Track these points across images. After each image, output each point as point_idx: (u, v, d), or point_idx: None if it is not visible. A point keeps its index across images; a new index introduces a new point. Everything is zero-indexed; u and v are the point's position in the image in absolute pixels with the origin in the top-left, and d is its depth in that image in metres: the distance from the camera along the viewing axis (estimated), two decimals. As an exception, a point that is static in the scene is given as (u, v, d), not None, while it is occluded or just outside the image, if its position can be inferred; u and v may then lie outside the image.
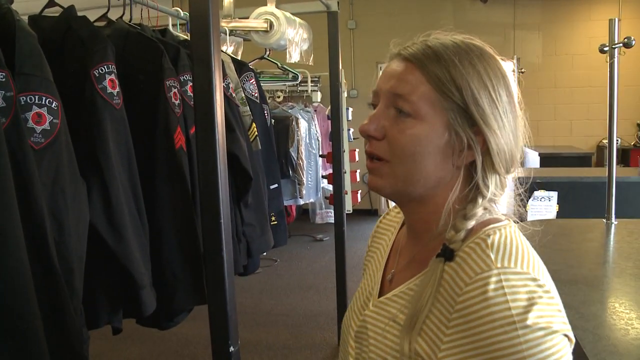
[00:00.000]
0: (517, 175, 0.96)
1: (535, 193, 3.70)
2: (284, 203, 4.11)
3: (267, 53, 3.57)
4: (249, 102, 2.54)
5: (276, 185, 2.78)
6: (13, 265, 1.27)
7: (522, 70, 6.48)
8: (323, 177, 5.82)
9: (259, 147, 2.48)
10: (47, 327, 1.34)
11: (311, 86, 6.40)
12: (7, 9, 1.44)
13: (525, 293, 0.74)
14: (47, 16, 1.80)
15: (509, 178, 0.92)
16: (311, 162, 5.96)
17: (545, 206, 3.73)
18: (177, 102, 1.90)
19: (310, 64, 3.30)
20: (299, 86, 6.45)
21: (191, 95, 1.95)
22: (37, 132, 1.43)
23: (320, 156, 5.99)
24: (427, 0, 7.76)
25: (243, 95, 2.49)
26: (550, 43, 7.77)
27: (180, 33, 2.44)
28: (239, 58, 2.93)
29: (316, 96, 6.57)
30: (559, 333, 0.74)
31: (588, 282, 1.77)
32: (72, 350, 1.45)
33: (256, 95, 2.63)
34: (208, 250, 1.46)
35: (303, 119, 5.96)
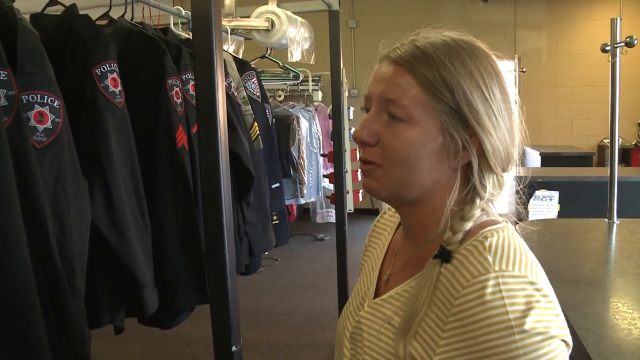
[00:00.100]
0: (517, 174, 0.96)
1: (536, 192, 3.70)
2: (285, 202, 4.11)
3: (269, 52, 3.57)
4: (251, 101, 2.53)
5: (278, 184, 2.78)
6: (14, 264, 1.26)
7: (523, 69, 6.47)
8: (324, 177, 5.81)
9: (261, 146, 2.48)
10: (49, 327, 1.34)
11: (312, 85, 6.40)
12: (9, 8, 1.44)
13: (523, 297, 0.74)
14: (49, 15, 1.79)
15: (508, 177, 0.91)
16: (312, 161, 5.96)
17: (546, 206, 3.73)
18: (179, 101, 1.90)
19: (311, 63, 3.30)
20: (300, 85, 6.45)
21: (193, 94, 1.94)
22: (39, 131, 1.43)
23: (321, 155, 5.99)
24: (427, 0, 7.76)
25: (245, 94, 2.48)
26: (551, 42, 7.77)
27: (181, 32, 2.44)
28: (240, 57, 2.93)
29: (317, 95, 6.57)
30: (557, 338, 0.73)
31: (590, 282, 1.77)
32: (74, 349, 1.45)
33: (258, 94, 2.63)
34: (210, 249, 1.45)
35: (304, 118, 5.96)
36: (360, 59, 7.90)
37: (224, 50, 2.47)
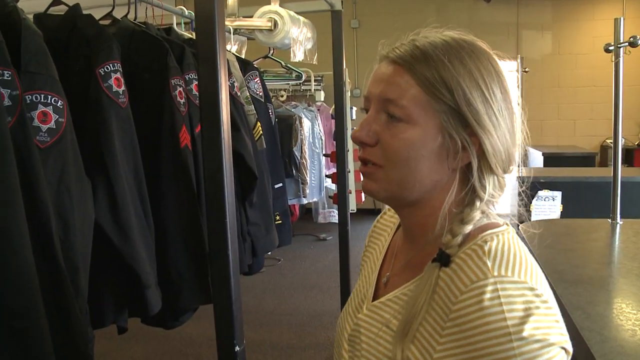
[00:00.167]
0: (520, 174, 0.95)
1: (539, 193, 3.70)
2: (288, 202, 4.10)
3: (271, 52, 3.57)
4: (254, 101, 2.53)
5: (281, 184, 2.78)
6: (18, 264, 1.26)
7: (526, 69, 6.45)
8: (327, 177, 5.81)
9: (264, 146, 2.48)
10: (52, 327, 1.34)
11: (314, 85, 6.40)
12: (13, 8, 1.44)
13: (521, 303, 0.73)
14: (53, 15, 1.79)
15: (510, 178, 0.90)
16: (314, 162, 5.96)
17: (549, 206, 3.73)
18: (182, 101, 1.90)
19: (314, 63, 3.30)
20: (302, 85, 6.44)
21: (196, 94, 1.94)
22: (43, 131, 1.43)
23: (324, 155, 5.98)
24: (430, -1, 7.77)
25: (248, 94, 2.48)
26: (553, 42, 7.77)
27: (184, 32, 2.44)
28: (243, 57, 2.93)
29: (319, 95, 6.56)
30: (556, 345, 0.72)
31: (594, 283, 1.77)
32: (77, 349, 1.44)
33: (261, 94, 2.63)
34: (213, 249, 1.45)
35: (306, 118, 5.95)
36: (362, 59, 7.90)
37: (227, 50, 2.46)
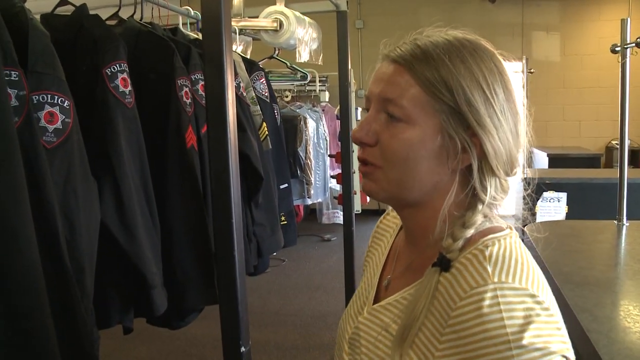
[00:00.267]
0: (525, 176, 0.94)
1: (544, 194, 3.69)
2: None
3: (276, 52, 3.57)
4: (260, 102, 2.53)
5: (286, 185, 2.78)
6: (24, 264, 1.26)
7: (531, 70, 6.45)
8: (332, 177, 5.81)
9: (270, 147, 2.48)
10: (58, 327, 1.34)
11: (319, 86, 6.40)
12: (21, 8, 1.44)
13: (522, 310, 0.71)
14: (59, 15, 1.79)
15: (514, 180, 0.88)
16: (319, 162, 5.95)
17: (554, 207, 3.72)
18: (189, 101, 1.90)
19: (319, 64, 3.29)
20: (307, 86, 6.45)
21: (202, 94, 1.94)
22: (49, 131, 1.43)
23: (329, 156, 5.98)
24: (435, 0, 7.74)
25: (253, 94, 2.48)
26: (559, 43, 7.74)
27: (190, 32, 2.44)
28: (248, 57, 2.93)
29: (324, 96, 6.57)
30: (557, 354, 0.71)
31: (600, 284, 1.76)
32: (83, 350, 1.44)
33: (266, 94, 2.63)
34: (219, 250, 1.45)
35: (311, 119, 5.95)
36: (367, 60, 7.89)
37: (233, 50, 2.46)
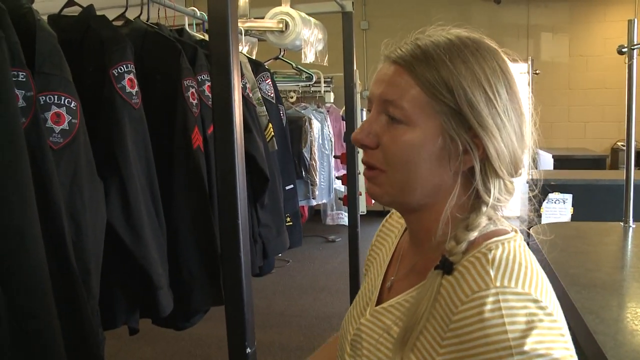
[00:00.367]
0: (530, 177, 0.93)
1: (549, 195, 3.68)
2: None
3: (282, 53, 3.57)
4: (265, 102, 2.53)
5: (292, 186, 2.77)
6: (31, 264, 1.27)
7: (537, 71, 6.43)
8: (337, 178, 5.80)
9: (275, 148, 2.48)
10: (64, 328, 1.34)
11: (324, 87, 6.40)
12: (28, 9, 1.44)
13: (524, 316, 0.70)
14: (67, 15, 1.80)
15: (519, 181, 0.87)
16: (324, 163, 5.95)
17: (559, 209, 3.71)
18: (195, 102, 1.90)
19: (325, 65, 3.29)
20: (312, 87, 6.45)
21: (209, 95, 1.94)
22: (56, 132, 1.43)
23: (334, 157, 5.98)
24: (440, 0, 7.73)
25: (259, 95, 2.48)
26: (564, 44, 7.73)
27: (196, 33, 2.44)
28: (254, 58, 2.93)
29: (329, 97, 6.57)
30: None
31: (607, 286, 1.75)
32: (89, 350, 1.44)
33: (272, 95, 2.63)
34: (225, 251, 1.45)
35: (316, 120, 5.95)
36: (372, 61, 7.85)
37: (239, 51, 2.46)
